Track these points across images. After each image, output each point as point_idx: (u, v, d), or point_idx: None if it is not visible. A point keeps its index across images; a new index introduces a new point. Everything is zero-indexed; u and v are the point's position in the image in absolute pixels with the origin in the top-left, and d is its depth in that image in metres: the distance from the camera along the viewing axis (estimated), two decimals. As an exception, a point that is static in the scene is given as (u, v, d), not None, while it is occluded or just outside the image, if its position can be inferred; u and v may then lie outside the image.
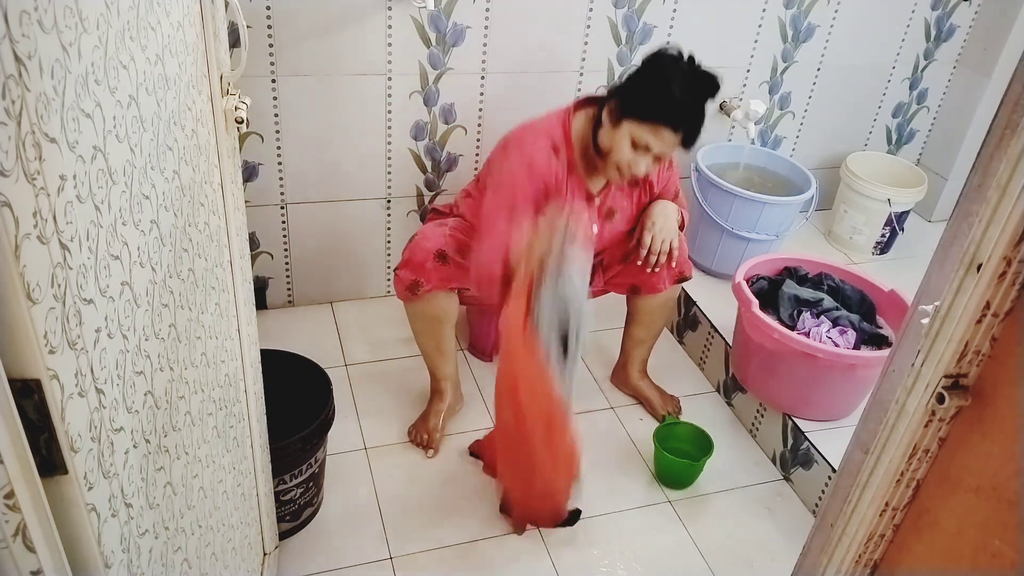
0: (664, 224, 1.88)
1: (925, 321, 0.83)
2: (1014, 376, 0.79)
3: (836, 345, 1.90)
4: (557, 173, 1.73)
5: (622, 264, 1.99)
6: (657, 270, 1.92)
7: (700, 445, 1.97)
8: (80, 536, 0.61)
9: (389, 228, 2.37)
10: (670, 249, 1.89)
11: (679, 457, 1.93)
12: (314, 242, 2.32)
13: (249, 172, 2.13)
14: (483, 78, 2.19)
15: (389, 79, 2.11)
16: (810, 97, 2.61)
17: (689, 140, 1.67)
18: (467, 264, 1.84)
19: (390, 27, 2.03)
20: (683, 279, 2.01)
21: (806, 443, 1.93)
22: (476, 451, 1.96)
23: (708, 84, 1.65)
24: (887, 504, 0.94)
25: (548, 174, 1.72)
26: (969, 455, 0.85)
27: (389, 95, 2.14)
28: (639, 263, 1.90)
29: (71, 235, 0.57)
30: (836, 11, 2.44)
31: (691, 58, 1.66)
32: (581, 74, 2.27)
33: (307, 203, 2.24)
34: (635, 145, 1.65)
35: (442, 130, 2.24)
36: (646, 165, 1.69)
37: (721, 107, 2.49)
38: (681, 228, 1.96)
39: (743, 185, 2.36)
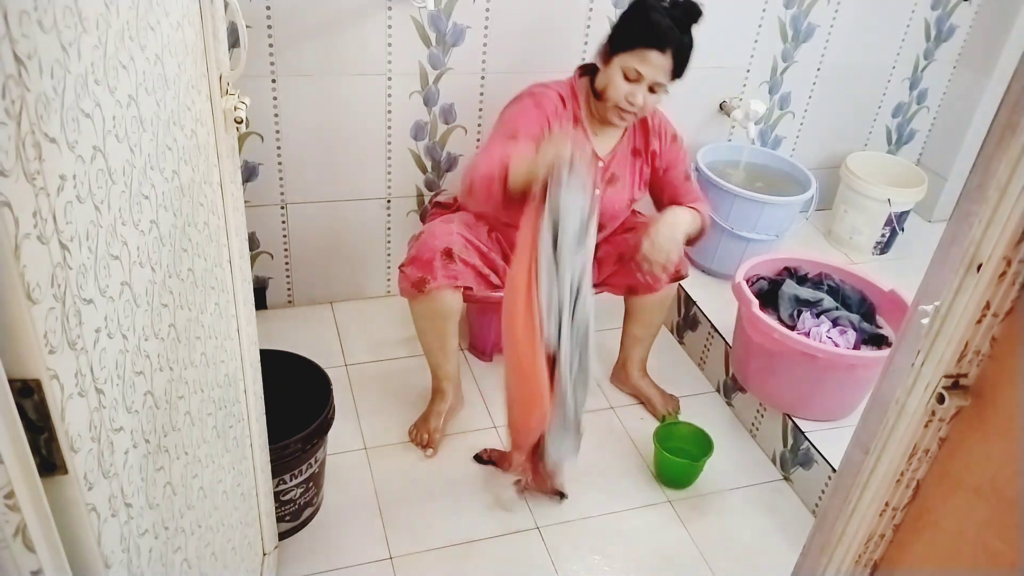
0: (670, 235, 1.79)
1: (925, 321, 0.83)
2: (1014, 376, 0.79)
3: (836, 345, 1.90)
4: (563, 120, 1.82)
5: (618, 264, 2.00)
6: (650, 280, 1.93)
7: (700, 445, 1.97)
8: (80, 536, 0.61)
9: (389, 228, 2.37)
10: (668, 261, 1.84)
11: (679, 457, 1.93)
12: (314, 242, 2.32)
13: (249, 172, 2.13)
14: (483, 78, 2.19)
15: (389, 79, 2.11)
16: (810, 97, 2.61)
17: (679, 65, 1.75)
18: (472, 263, 1.84)
19: (390, 27, 2.03)
20: (679, 278, 2.02)
21: (806, 443, 1.93)
22: (487, 458, 1.96)
23: (689, 9, 1.74)
24: (887, 504, 0.94)
25: (554, 115, 1.81)
26: (969, 455, 0.85)
27: (389, 95, 2.14)
28: (639, 275, 1.90)
29: (71, 235, 0.57)
30: (836, 11, 2.44)
31: None
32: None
33: (307, 203, 2.24)
34: (627, 77, 1.74)
35: (442, 130, 2.24)
36: (643, 95, 1.76)
37: (721, 107, 2.50)
38: (702, 233, 1.92)
39: (743, 185, 2.36)
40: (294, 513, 1.72)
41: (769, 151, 2.58)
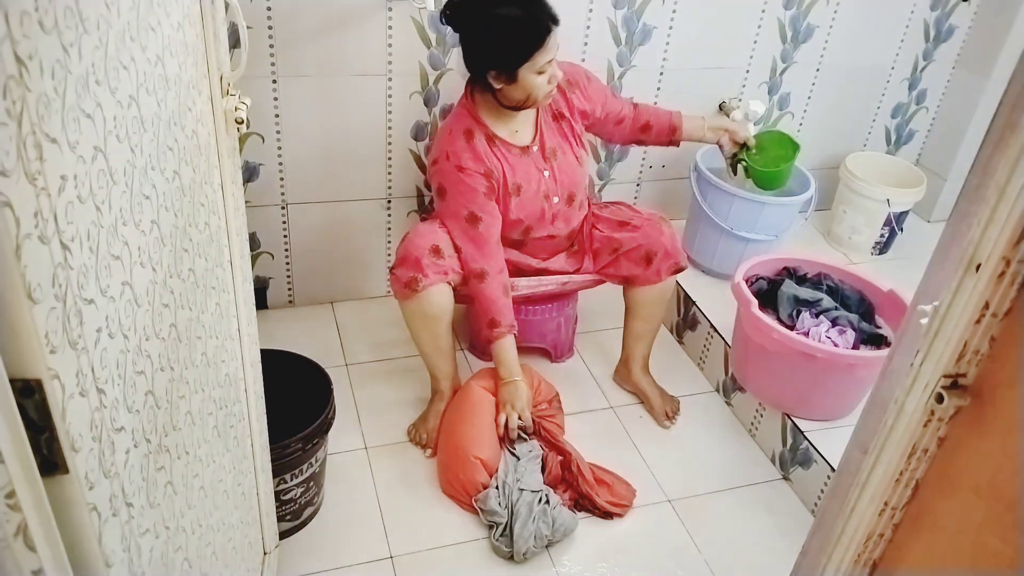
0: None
1: (924, 321, 0.83)
2: (1013, 376, 0.79)
3: (835, 345, 1.90)
4: (484, 156, 1.85)
5: (613, 255, 2.02)
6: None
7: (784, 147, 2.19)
8: (81, 535, 0.61)
9: (389, 228, 2.37)
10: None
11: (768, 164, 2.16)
12: (314, 242, 2.32)
13: (250, 172, 2.14)
14: (483, 78, 2.18)
15: (389, 80, 2.11)
16: (809, 98, 2.61)
17: (554, 20, 1.75)
18: (462, 258, 1.88)
19: (390, 28, 2.03)
20: (679, 270, 2.03)
21: (805, 443, 1.94)
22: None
23: None
24: (886, 504, 0.94)
25: (479, 163, 1.84)
26: (968, 455, 0.85)
27: (389, 95, 2.14)
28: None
29: (72, 235, 0.57)
30: (835, 12, 2.44)
31: None
32: (581, 74, 2.27)
33: (307, 203, 2.24)
34: (541, 72, 1.77)
35: (442, 130, 2.24)
36: (555, 70, 1.80)
37: (720, 107, 2.50)
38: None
39: (742, 185, 2.36)
40: (295, 512, 1.72)
41: (769, 151, 2.58)
